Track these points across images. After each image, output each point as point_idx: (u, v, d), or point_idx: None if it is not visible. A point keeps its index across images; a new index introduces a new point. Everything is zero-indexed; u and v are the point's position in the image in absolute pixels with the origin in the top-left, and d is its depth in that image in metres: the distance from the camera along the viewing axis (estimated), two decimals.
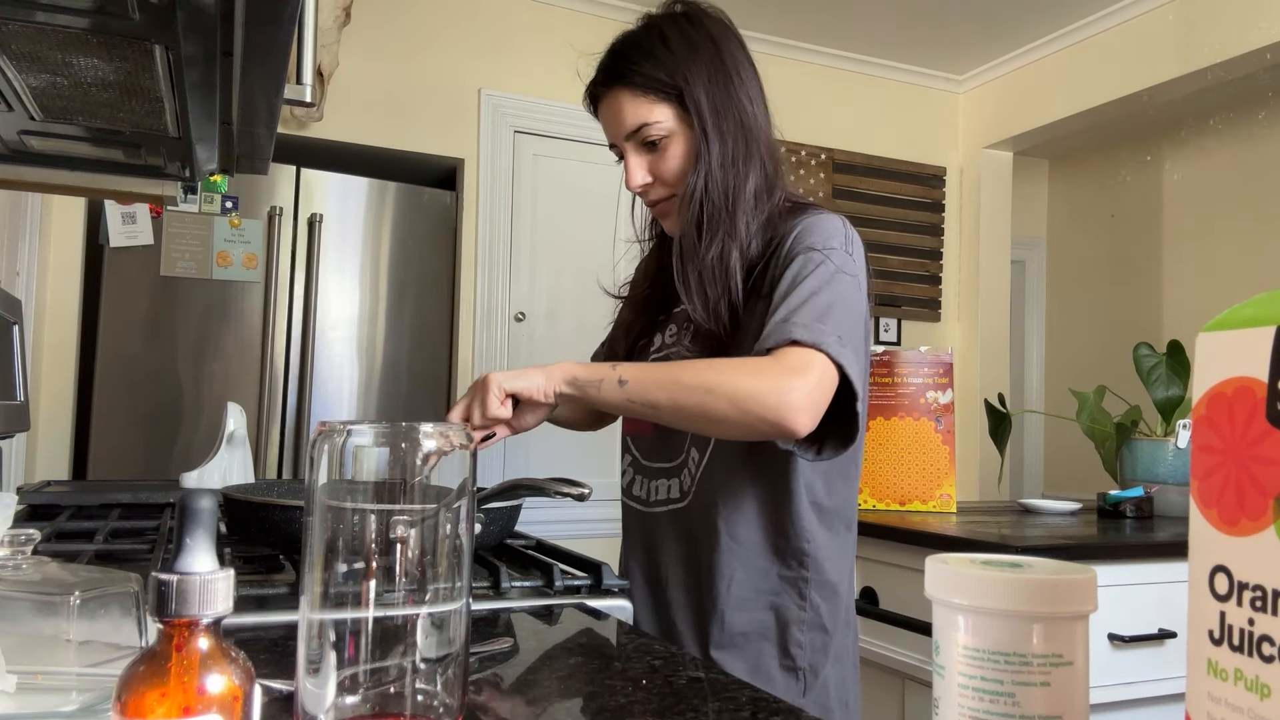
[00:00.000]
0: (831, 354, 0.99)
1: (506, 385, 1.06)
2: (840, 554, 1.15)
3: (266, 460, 2.90)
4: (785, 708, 0.69)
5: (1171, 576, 1.73)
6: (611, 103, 1.15)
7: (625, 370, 1.03)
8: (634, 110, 1.12)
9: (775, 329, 1.02)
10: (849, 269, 1.07)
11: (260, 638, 0.82)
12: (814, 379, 0.98)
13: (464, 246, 3.31)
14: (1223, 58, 3.16)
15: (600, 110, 1.18)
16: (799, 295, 1.03)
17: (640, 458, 1.24)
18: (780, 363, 0.99)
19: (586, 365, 1.07)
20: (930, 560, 0.45)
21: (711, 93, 1.12)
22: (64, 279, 2.79)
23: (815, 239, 1.08)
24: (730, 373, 1.00)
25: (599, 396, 1.04)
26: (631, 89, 1.12)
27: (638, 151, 1.15)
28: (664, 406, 1.02)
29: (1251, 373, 0.34)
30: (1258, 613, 0.33)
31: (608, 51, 1.17)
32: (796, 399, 0.96)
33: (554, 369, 1.07)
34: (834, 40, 3.85)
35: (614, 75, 1.14)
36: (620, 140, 1.15)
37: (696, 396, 0.99)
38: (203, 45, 0.69)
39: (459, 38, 3.35)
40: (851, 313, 1.05)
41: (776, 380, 0.97)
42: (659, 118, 1.12)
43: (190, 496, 0.42)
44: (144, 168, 1.18)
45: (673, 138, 1.13)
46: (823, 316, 1.01)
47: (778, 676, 1.10)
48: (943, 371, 2.09)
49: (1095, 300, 4.85)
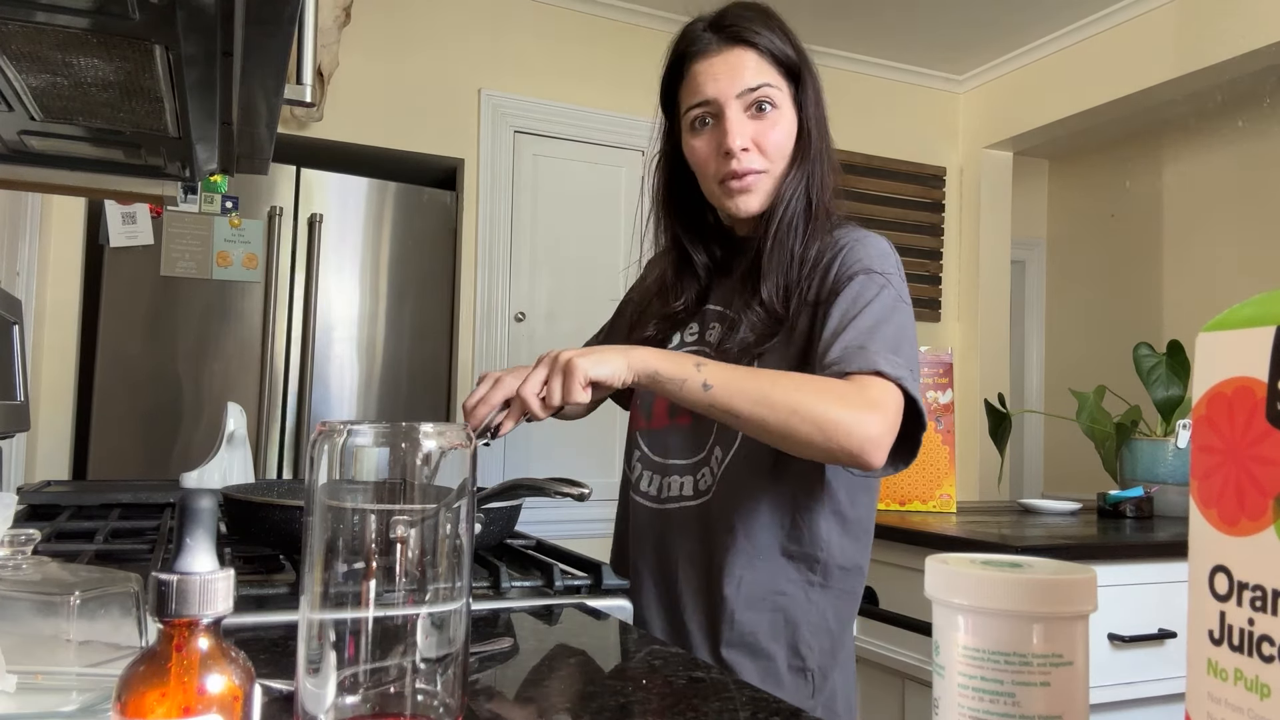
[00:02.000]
0: (908, 390, 1.01)
1: (591, 372, 0.98)
2: (856, 561, 1.15)
3: (266, 460, 2.90)
4: (785, 708, 0.69)
5: (1171, 576, 1.73)
6: (731, 58, 1.13)
7: (711, 373, 0.99)
8: (759, 69, 1.12)
9: (853, 354, 1.02)
10: (905, 297, 1.10)
11: (260, 638, 0.82)
12: (894, 415, 1.00)
13: (464, 246, 3.31)
14: (1223, 58, 3.16)
15: (705, 63, 1.14)
16: (868, 319, 1.04)
17: (651, 454, 1.23)
18: (865, 394, 0.99)
19: (668, 357, 1.01)
20: (930, 560, 0.45)
21: (818, 91, 1.16)
22: (64, 279, 2.79)
23: (873, 261, 1.10)
24: (818, 396, 0.98)
25: (678, 394, 1.00)
26: (759, 52, 1.12)
27: (743, 112, 1.12)
28: (746, 418, 0.99)
29: (1251, 373, 0.34)
30: (1258, 613, 0.33)
31: (727, 11, 1.15)
32: (879, 434, 0.98)
33: (634, 355, 1.00)
34: (834, 40, 3.85)
35: (738, 36, 1.13)
36: (730, 96, 1.12)
37: (782, 416, 0.97)
38: (203, 45, 0.69)
39: (459, 38, 3.35)
40: (913, 344, 1.08)
41: (862, 414, 0.98)
42: (780, 86, 1.13)
43: (190, 496, 0.42)
44: (144, 168, 1.18)
45: (782, 112, 1.13)
46: (896, 348, 1.03)
47: (787, 678, 1.10)
48: (943, 371, 2.09)
49: (1095, 300, 4.85)
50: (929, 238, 4.17)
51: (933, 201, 4.18)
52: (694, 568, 1.15)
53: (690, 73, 1.15)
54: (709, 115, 1.14)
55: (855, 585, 1.15)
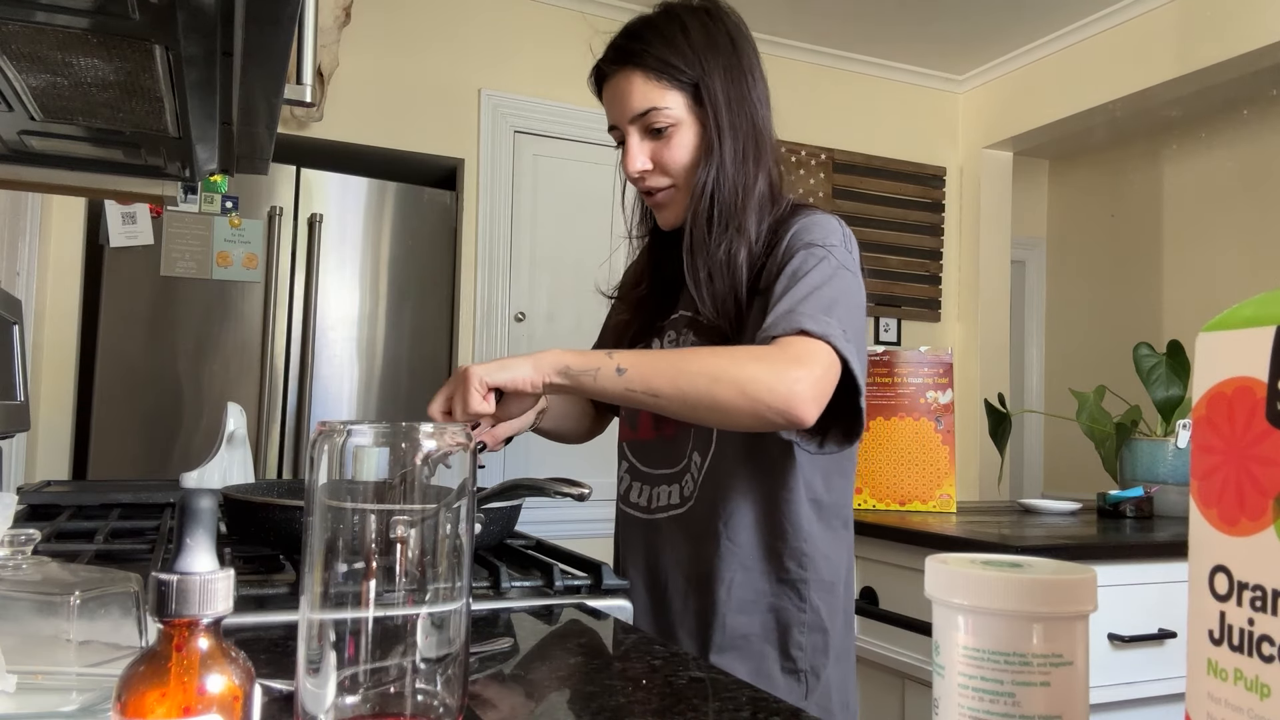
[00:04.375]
0: (837, 346, 0.99)
1: (488, 378, 0.99)
2: (838, 552, 1.15)
3: (266, 460, 2.90)
4: (785, 708, 0.69)
5: (1171, 576, 1.73)
6: (621, 82, 1.12)
7: (623, 357, 0.98)
8: (644, 93, 1.10)
9: (780, 318, 1.01)
10: (850, 266, 1.08)
11: (260, 638, 0.82)
12: (820, 369, 0.97)
13: (464, 246, 3.31)
14: (1223, 58, 3.16)
15: (606, 89, 1.15)
16: (803, 288, 1.03)
17: (639, 464, 1.23)
18: (786, 351, 0.98)
19: (579, 352, 1.00)
20: (930, 560, 0.45)
21: (728, 89, 1.11)
22: (64, 279, 2.79)
23: (815, 236, 1.08)
24: (736, 360, 0.98)
25: (594, 386, 0.98)
26: (645, 71, 1.10)
27: (641, 136, 1.12)
28: (666, 395, 0.97)
29: (1251, 373, 0.34)
30: (1258, 613, 0.33)
31: (622, 31, 1.14)
32: (804, 388, 0.95)
33: (543, 357, 1.00)
34: (834, 40, 3.85)
35: (627, 55, 1.12)
36: (624, 122, 1.12)
37: (702, 384, 0.96)
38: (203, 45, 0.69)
39: (459, 38, 3.35)
40: (854, 309, 1.05)
41: (784, 369, 0.96)
42: (669, 104, 1.10)
43: (190, 496, 0.42)
44: (144, 168, 1.18)
45: (680, 127, 1.11)
46: (828, 309, 1.01)
47: (780, 680, 1.10)
48: (943, 371, 2.09)
49: (1095, 300, 4.85)
50: (929, 238, 4.17)
51: (933, 201, 4.18)
52: (683, 574, 1.16)
53: (602, 97, 1.17)
54: (619, 139, 1.14)
55: (839, 576, 1.15)
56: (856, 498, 2.08)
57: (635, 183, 1.16)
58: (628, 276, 1.30)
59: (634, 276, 1.28)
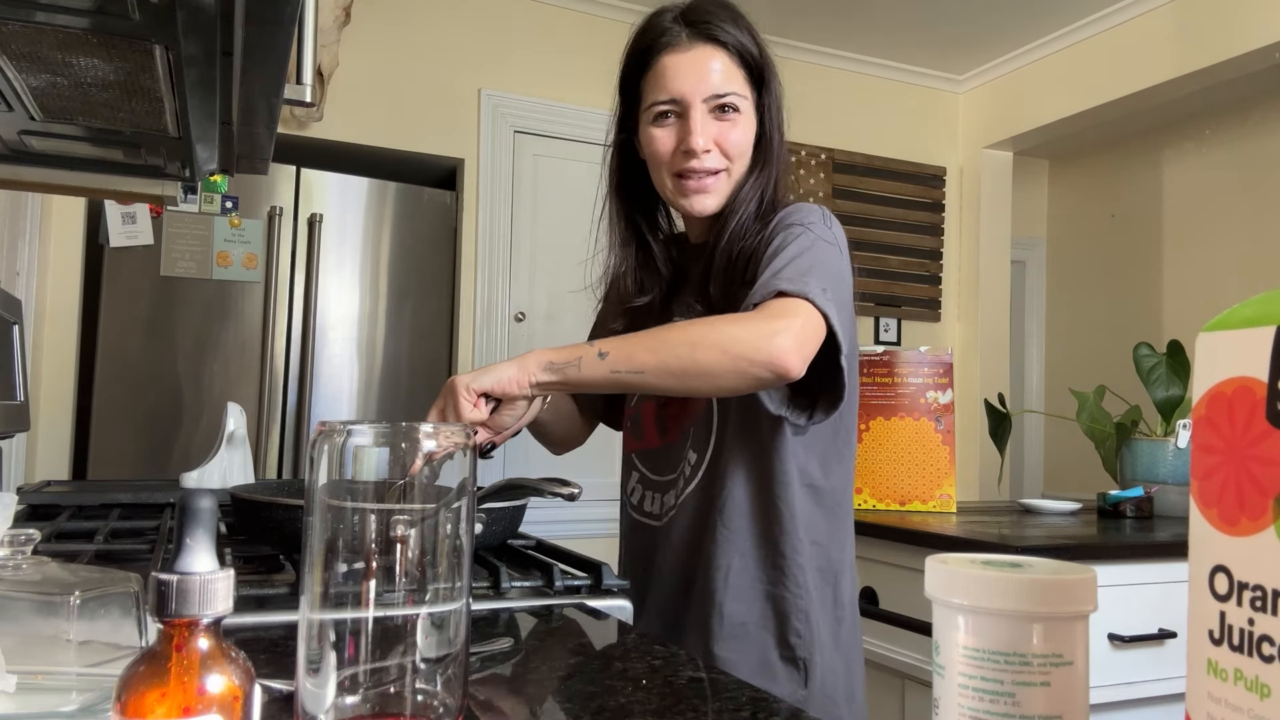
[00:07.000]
0: (816, 302, 0.99)
1: (475, 385, 0.99)
2: (837, 539, 1.15)
3: (266, 460, 2.90)
4: (786, 708, 0.69)
5: (1171, 576, 1.73)
6: (700, 56, 1.12)
7: (603, 343, 1.00)
8: (729, 75, 1.12)
9: (759, 288, 1.03)
10: (828, 239, 1.09)
11: (260, 638, 0.82)
12: (799, 322, 0.98)
13: (464, 246, 3.31)
14: (1223, 58, 3.16)
15: (676, 59, 1.13)
16: (780, 260, 1.05)
17: (650, 474, 1.23)
18: (765, 311, 0.99)
19: (560, 347, 1.01)
20: (930, 560, 0.45)
21: (776, 89, 1.16)
22: (64, 279, 2.79)
23: (793, 218, 1.10)
24: (715, 325, 0.99)
25: (580, 376, 0.99)
26: (728, 54, 1.12)
27: (707, 114, 1.12)
28: (651, 368, 0.98)
29: (1251, 373, 0.34)
30: (1258, 613, 0.33)
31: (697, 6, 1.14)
32: (784, 341, 0.96)
33: (526, 358, 1.01)
34: (834, 40, 3.85)
35: (709, 34, 1.12)
36: (695, 98, 1.11)
37: (684, 351, 0.97)
38: (203, 45, 0.69)
39: (459, 38, 3.35)
40: (833, 272, 1.07)
41: (764, 324, 0.97)
42: (746, 93, 1.13)
43: (190, 496, 0.42)
44: (144, 168, 1.18)
45: (745, 116, 1.14)
46: (805, 273, 1.02)
47: (779, 669, 1.10)
48: (943, 371, 2.09)
49: (1095, 300, 4.85)
50: (929, 238, 4.17)
51: (933, 201, 4.18)
52: (683, 567, 1.16)
53: (658, 65, 1.13)
54: (673, 111, 1.13)
55: (840, 564, 1.15)
56: (856, 498, 2.08)
57: (685, 159, 1.13)
58: (625, 285, 1.27)
59: (634, 285, 1.25)
